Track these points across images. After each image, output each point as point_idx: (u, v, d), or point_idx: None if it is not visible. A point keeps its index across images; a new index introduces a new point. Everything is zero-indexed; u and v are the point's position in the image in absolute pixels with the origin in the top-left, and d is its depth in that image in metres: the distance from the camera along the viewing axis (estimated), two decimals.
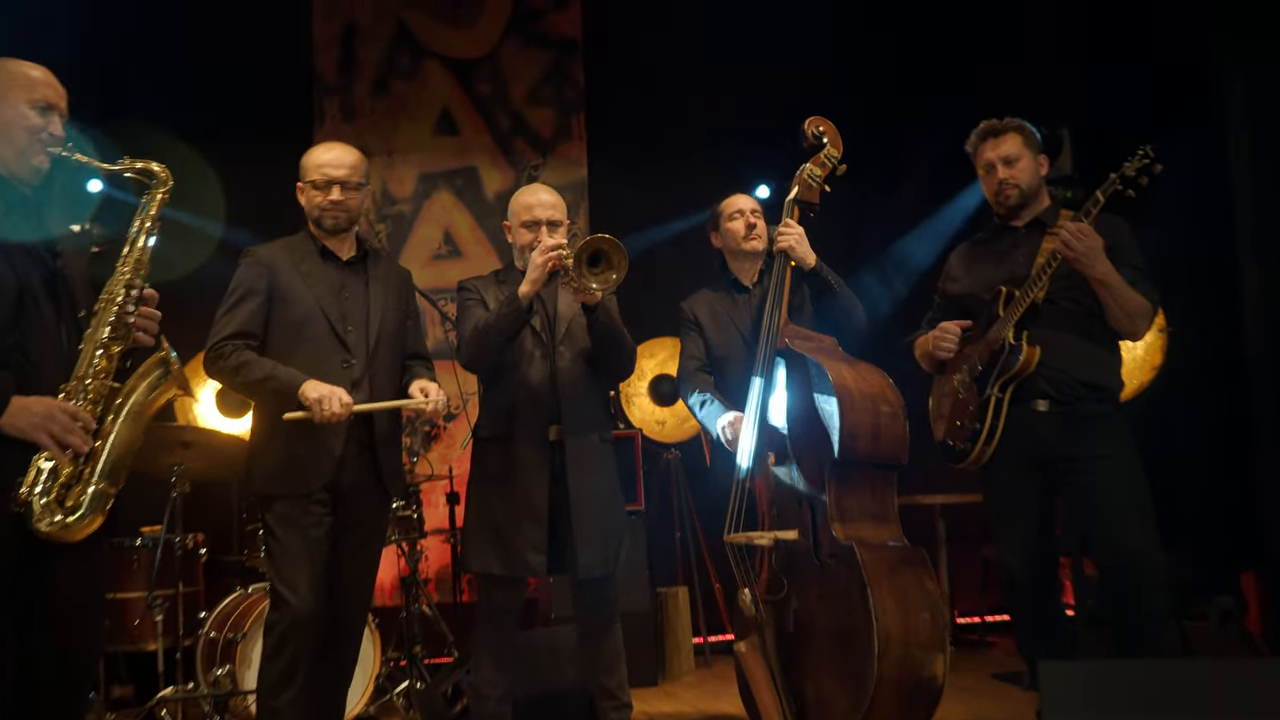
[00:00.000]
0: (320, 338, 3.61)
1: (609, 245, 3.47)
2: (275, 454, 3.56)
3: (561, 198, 3.92)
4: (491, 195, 7.04)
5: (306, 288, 3.64)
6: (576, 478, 3.71)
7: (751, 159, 6.55)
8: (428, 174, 7.03)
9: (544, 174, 7.04)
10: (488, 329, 3.68)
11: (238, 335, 3.58)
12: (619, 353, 3.83)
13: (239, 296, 3.62)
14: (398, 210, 7.00)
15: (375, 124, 7.00)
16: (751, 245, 4.12)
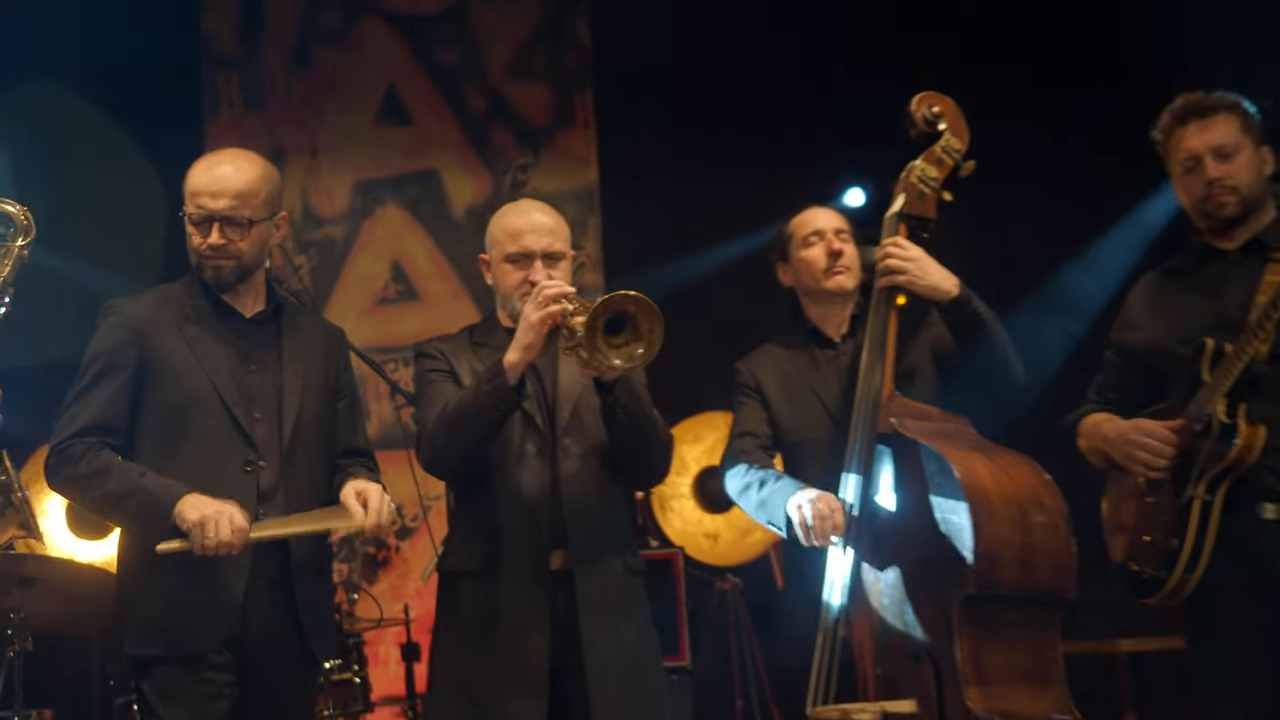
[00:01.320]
0: (213, 431, 3.63)
1: (636, 307, 3.46)
2: (152, 598, 3.57)
3: (562, 217, 3.95)
4: (460, 210, 7.13)
5: (193, 358, 3.66)
6: (591, 626, 3.71)
7: (837, 152, 6.60)
8: (368, 181, 7.14)
9: (534, 178, 7.13)
10: (461, 415, 3.70)
11: (91, 430, 3.59)
12: (647, 446, 3.84)
13: (95, 374, 3.64)
14: (325, 234, 7.10)
15: (292, 111, 7.13)
16: (837, 282, 4.14)
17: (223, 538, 3.41)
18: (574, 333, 3.55)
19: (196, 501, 3.45)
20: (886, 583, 3.75)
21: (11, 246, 3.02)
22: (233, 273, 3.71)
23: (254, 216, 3.69)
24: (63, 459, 3.57)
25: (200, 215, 3.67)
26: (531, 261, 3.82)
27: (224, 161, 3.73)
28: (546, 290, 3.63)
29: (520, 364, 3.64)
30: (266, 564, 3.62)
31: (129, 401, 3.63)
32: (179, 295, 3.76)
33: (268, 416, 3.69)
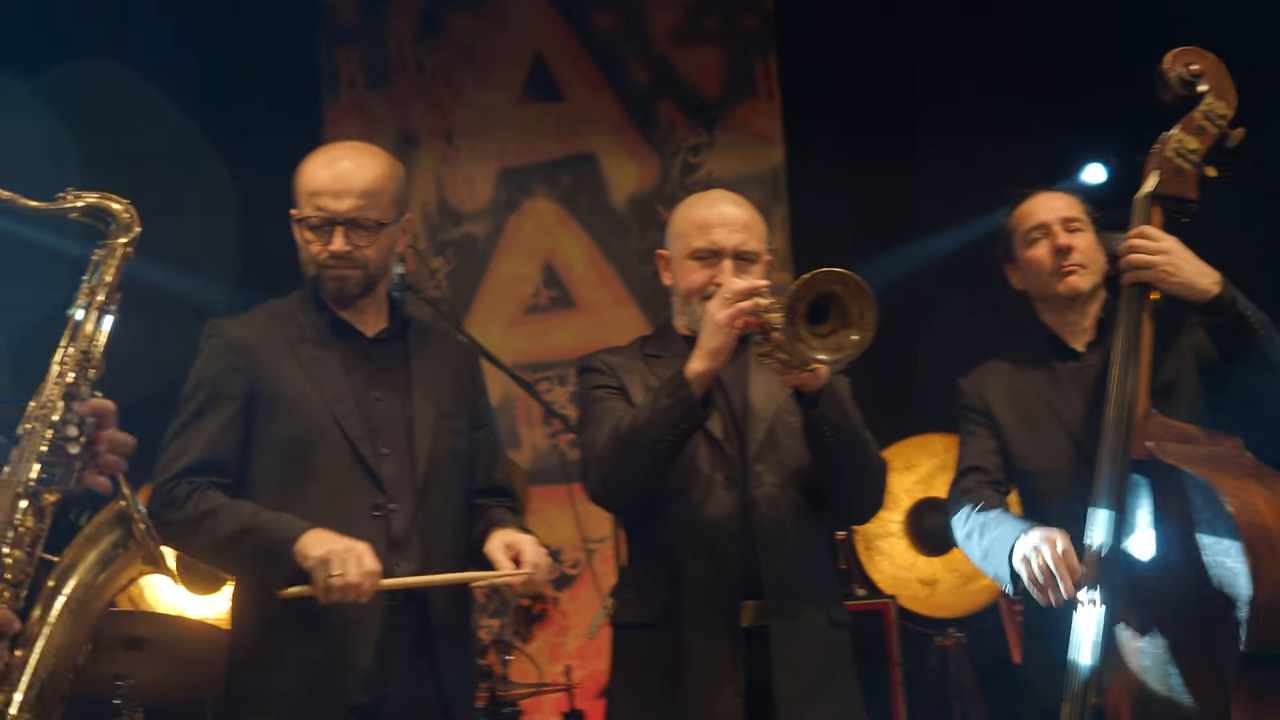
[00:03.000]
0: (335, 469, 3.68)
1: (844, 286, 3.45)
2: (270, 661, 3.62)
3: (757, 211, 3.96)
4: (622, 200, 7.17)
5: (310, 386, 3.72)
6: (789, 690, 3.70)
7: (1072, 121, 6.52)
8: (513, 169, 7.21)
9: (709, 160, 7.13)
10: (634, 436, 3.70)
11: (198, 468, 3.65)
12: (858, 473, 3.84)
13: (199, 404, 3.70)
14: (465, 232, 7.17)
15: (423, 89, 7.23)
16: (1068, 285, 4.10)
17: (350, 578, 3.41)
18: (768, 335, 3.54)
19: (321, 537, 3.47)
20: (1146, 640, 3.71)
21: (115, 245, 3.08)
22: (358, 284, 3.75)
23: (381, 218, 3.73)
24: (166, 501, 3.62)
25: (320, 218, 3.71)
26: (720, 261, 3.82)
27: (345, 156, 3.77)
28: (735, 285, 3.62)
29: (706, 374, 3.62)
30: (402, 622, 3.65)
31: (238, 435, 3.68)
32: (291, 313, 3.81)
33: (397, 451, 3.72)
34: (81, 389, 2.95)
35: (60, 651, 2.88)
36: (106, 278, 3.06)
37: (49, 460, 2.89)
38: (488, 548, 3.67)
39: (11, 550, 2.83)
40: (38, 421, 2.91)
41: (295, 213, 3.75)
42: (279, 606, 3.52)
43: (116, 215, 3.11)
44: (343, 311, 3.79)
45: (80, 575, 2.94)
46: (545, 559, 3.64)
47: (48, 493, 2.89)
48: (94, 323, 3.02)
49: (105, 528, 2.98)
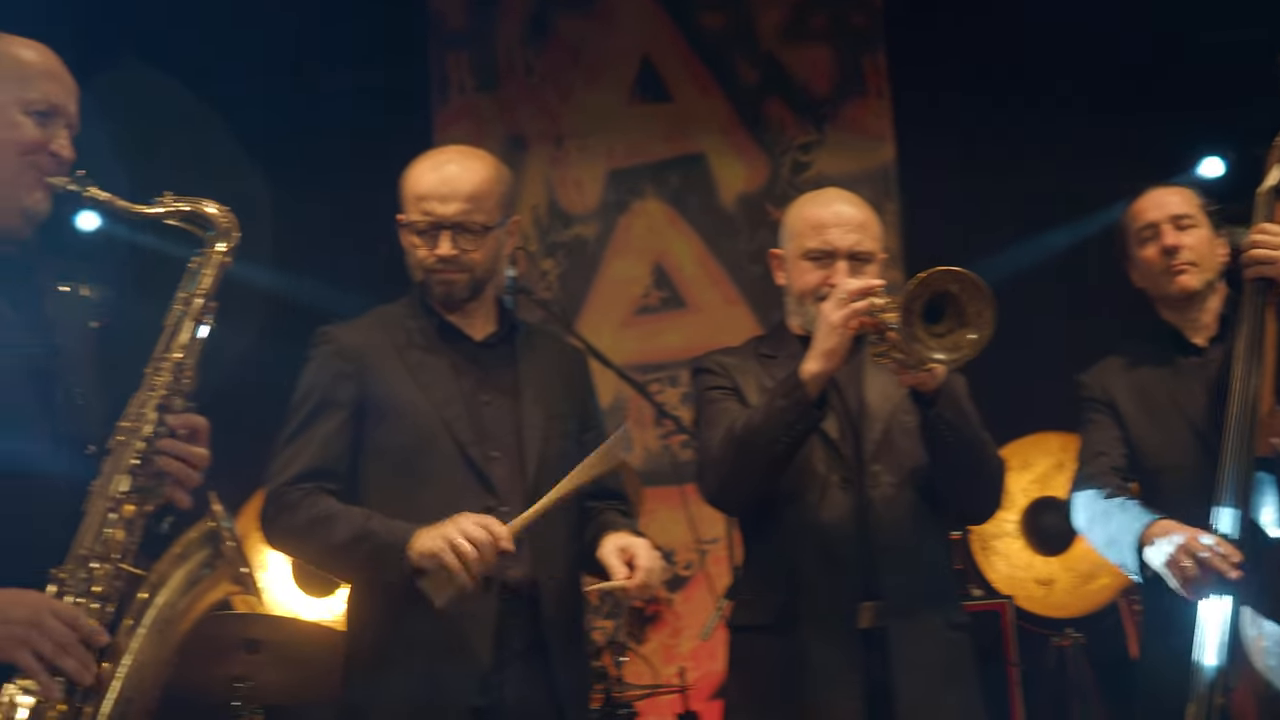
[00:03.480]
0: (446, 474, 3.67)
1: (961, 285, 3.41)
2: (385, 663, 3.63)
3: (873, 211, 3.92)
4: (731, 200, 7.15)
5: (419, 391, 3.72)
6: (909, 693, 3.66)
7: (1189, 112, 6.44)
8: (622, 170, 7.20)
9: (819, 159, 7.10)
10: (750, 437, 3.69)
11: (309, 475, 3.66)
12: (977, 473, 3.80)
13: (309, 411, 3.71)
14: (575, 234, 7.17)
15: (532, 91, 7.23)
16: (1179, 284, 4.05)
17: (478, 539, 3.42)
18: (884, 334, 3.51)
19: (430, 530, 3.46)
20: (1273, 638, 3.66)
21: (212, 253, 3.06)
22: (465, 288, 3.75)
23: (488, 222, 3.73)
24: (280, 508, 3.63)
25: (427, 223, 3.71)
26: (834, 261, 3.80)
27: (451, 160, 3.78)
28: (851, 285, 3.60)
29: (822, 374, 3.60)
30: (515, 624, 3.64)
31: (348, 442, 3.69)
32: (399, 318, 3.81)
33: (507, 454, 3.71)
34: (174, 401, 2.93)
35: (146, 667, 2.85)
36: (203, 286, 3.03)
37: (139, 473, 2.87)
38: (601, 552, 3.65)
39: (101, 564, 2.83)
40: (129, 434, 2.90)
41: (402, 217, 3.76)
42: (394, 610, 3.53)
43: (214, 220, 3.07)
44: (451, 316, 3.80)
45: (168, 593, 2.91)
46: (658, 563, 3.62)
47: (138, 505, 2.87)
48: (188, 332, 3.00)
49: (194, 546, 2.95)
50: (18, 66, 2.96)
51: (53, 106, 2.96)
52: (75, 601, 2.78)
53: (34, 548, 2.80)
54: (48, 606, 2.74)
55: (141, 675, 2.85)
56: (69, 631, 2.73)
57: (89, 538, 2.83)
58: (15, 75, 2.95)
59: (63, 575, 2.81)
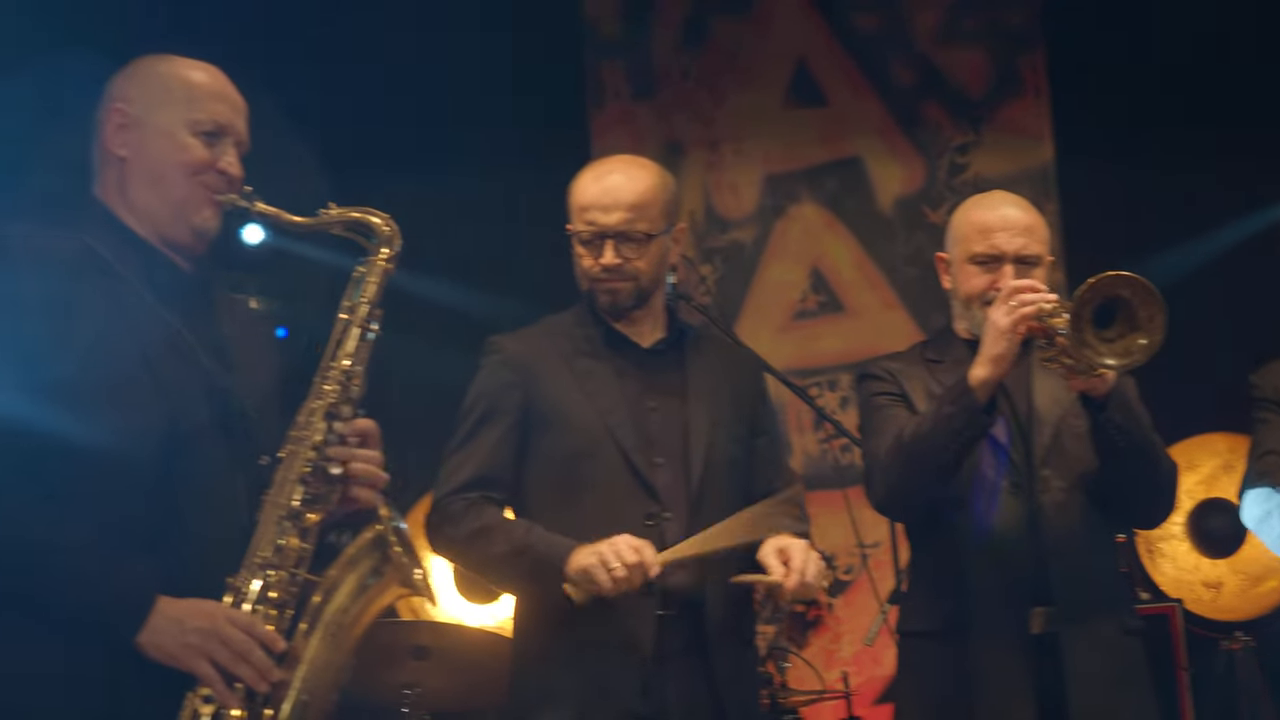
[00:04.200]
0: (610, 480, 3.68)
1: (1131, 290, 3.38)
2: (550, 670, 3.63)
3: (1039, 214, 3.88)
4: (889, 203, 7.08)
5: (585, 398, 3.73)
6: (1083, 701, 3.62)
7: None
8: (779, 175, 7.16)
9: (976, 160, 7.02)
10: (919, 443, 3.66)
11: (474, 484, 3.70)
12: (1149, 477, 3.74)
13: (477, 419, 3.75)
14: (732, 239, 7.14)
15: (687, 97, 7.20)
16: None
17: (628, 560, 3.43)
18: (1053, 339, 3.48)
19: (587, 547, 3.50)
20: None
21: (375, 261, 3.09)
22: (630, 296, 3.76)
23: (651, 230, 3.74)
24: (444, 518, 3.69)
25: (591, 232, 3.74)
26: (1001, 265, 3.77)
27: (615, 170, 3.81)
28: (1018, 289, 3.57)
29: (990, 380, 3.58)
30: (678, 630, 3.64)
31: (514, 450, 3.72)
32: (567, 327, 3.85)
33: (672, 461, 3.72)
34: (343, 408, 2.98)
35: (322, 672, 2.90)
36: (367, 294, 3.08)
37: (311, 480, 2.92)
38: (761, 553, 3.65)
39: (276, 571, 2.87)
40: (299, 442, 2.95)
41: (569, 228, 3.79)
42: (559, 617, 3.55)
43: (377, 230, 3.11)
44: (618, 324, 3.81)
45: (340, 598, 2.94)
46: (816, 564, 3.60)
47: (310, 513, 2.93)
48: (355, 340, 3.04)
49: (364, 551, 2.98)
50: (186, 89, 3.03)
51: (220, 126, 3.03)
52: (252, 609, 2.83)
53: (211, 558, 2.86)
54: (225, 615, 2.80)
55: (318, 679, 2.89)
56: (246, 639, 2.78)
57: (264, 546, 2.88)
58: (183, 97, 3.02)
59: (239, 584, 2.85)
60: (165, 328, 2.94)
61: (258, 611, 2.85)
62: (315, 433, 2.95)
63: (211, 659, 2.76)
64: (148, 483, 2.84)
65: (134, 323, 2.90)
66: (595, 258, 3.74)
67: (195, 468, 2.90)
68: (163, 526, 2.85)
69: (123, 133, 3.02)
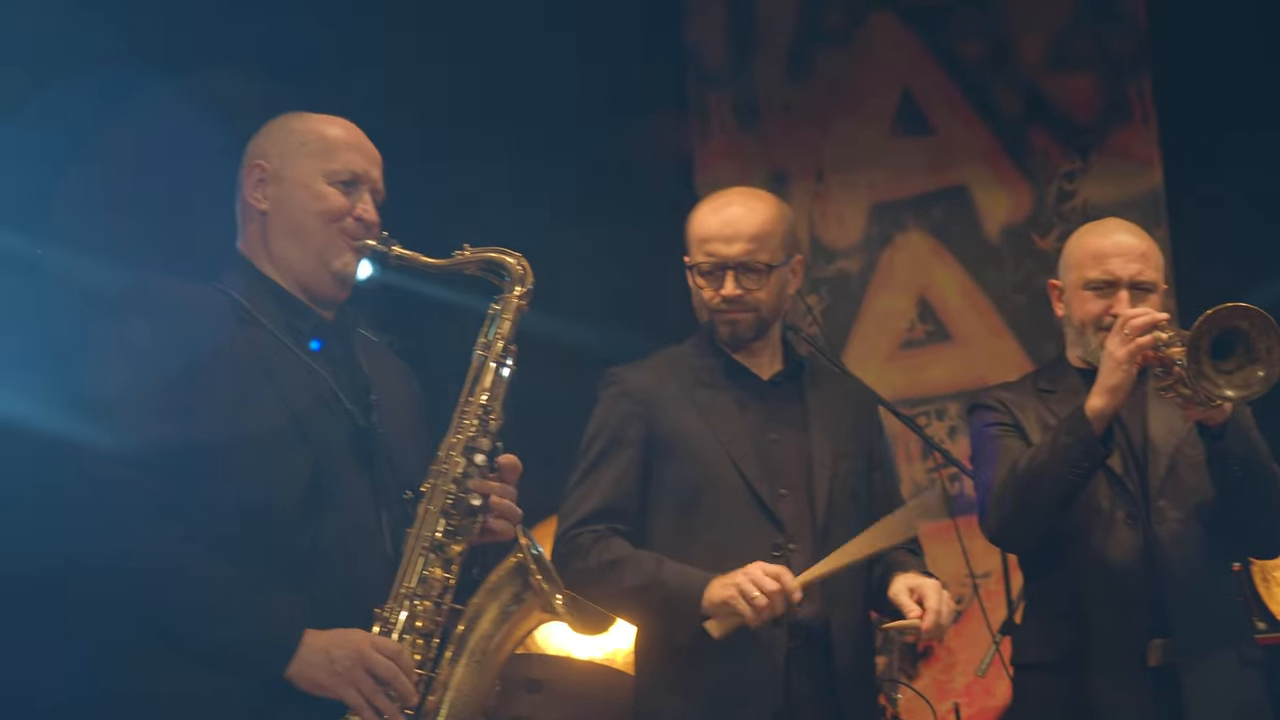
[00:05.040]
0: (734, 511, 3.72)
1: (1250, 321, 3.38)
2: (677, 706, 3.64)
3: (1154, 241, 3.87)
4: (996, 231, 7.05)
5: (708, 429, 3.76)
6: None
7: None
8: (885, 204, 7.15)
9: (1084, 187, 6.98)
10: (1034, 475, 3.67)
11: (599, 515, 3.74)
12: (1266, 506, 3.73)
13: (599, 451, 3.79)
14: (838, 269, 7.13)
15: (792, 128, 7.21)
16: None
17: (768, 589, 3.44)
18: (1169, 369, 3.46)
19: (723, 580, 3.52)
20: None
21: (509, 299, 3.19)
22: (750, 327, 3.79)
23: (772, 261, 3.77)
24: (571, 550, 3.73)
25: (711, 264, 3.77)
26: (1116, 291, 3.76)
27: (734, 202, 3.85)
28: (1134, 320, 3.57)
29: (1107, 410, 3.59)
30: (806, 665, 3.65)
31: (638, 481, 3.75)
32: (687, 358, 3.88)
33: (795, 492, 3.74)
34: (482, 442, 3.07)
35: (468, 698, 3.01)
36: (503, 330, 3.18)
37: (452, 513, 3.02)
38: (892, 591, 3.65)
39: (422, 601, 2.97)
40: (440, 476, 3.05)
41: (688, 259, 3.82)
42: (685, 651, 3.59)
43: (510, 268, 3.23)
44: (737, 355, 3.84)
45: (484, 625, 3.05)
46: (949, 604, 3.60)
47: (453, 544, 3.03)
48: (492, 375, 3.13)
49: (506, 579, 3.08)
50: (321, 141, 3.17)
51: (355, 175, 3.16)
52: (400, 638, 2.94)
53: (356, 591, 2.97)
54: (371, 643, 2.90)
55: (464, 705, 3.02)
56: (391, 666, 2.88)
57: (410, 577, 2.99)
58: (319, 150, 3.16)
59: (386, 614, 2.96)
60: (307, 374, 3.08)
61: (405, 641, 2.94)
62: (455, 467, 3.05)
63: (360, 688, 2.86)
64: (293, 522, 2.96)
65: (276, 371, 3.04)
66: (716, 289, 3.78)
67: (339, 506, 3.01)
68: (309, 562, 2.96)
69: (262, 187, 3.17)
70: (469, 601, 3.06)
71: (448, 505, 3.02)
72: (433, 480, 3.04)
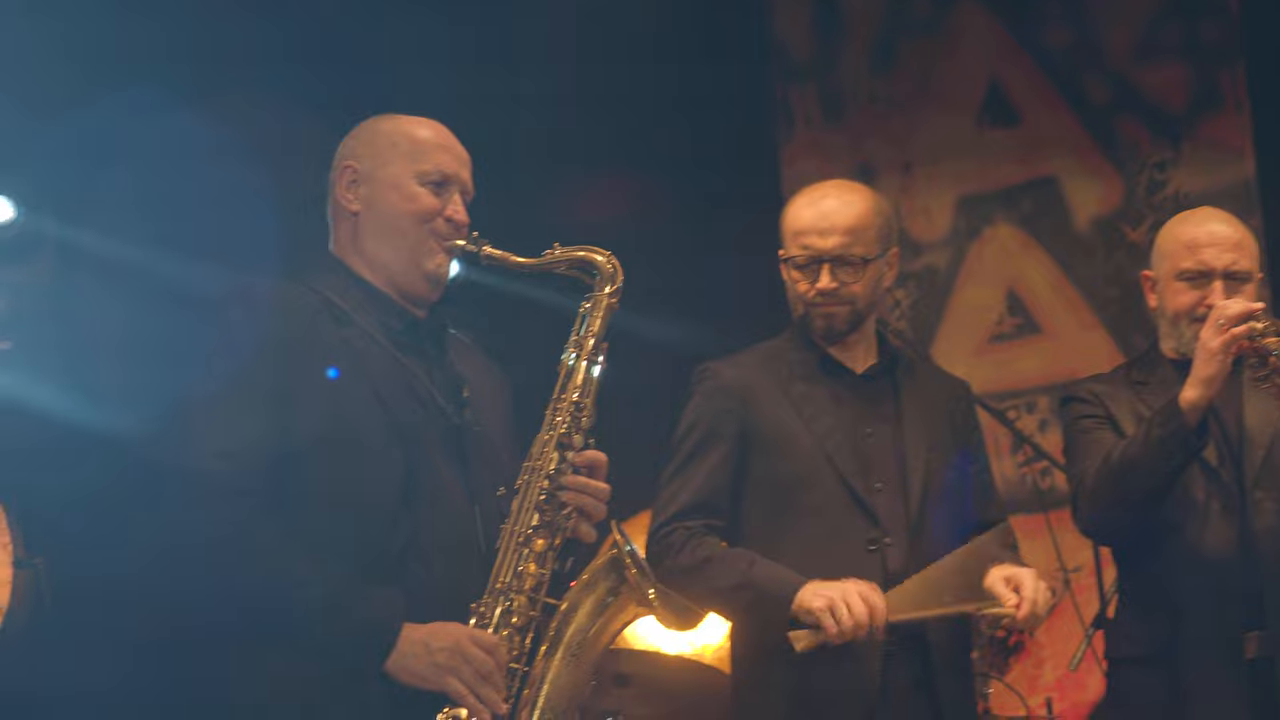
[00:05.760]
0: (829, 506, 3.73)
1: None
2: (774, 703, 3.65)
3: (1248, 229, 3.85)
4: (1085, 223, 7.01)
5: (802, 424, 3.78)
6: None
7: None
8: (972, 196, 7.12)
9: (1175, 176, 6.93)
10: (1127, 467, 3.66)
11: (692, 511, 3.75)
12: None
13: (693, 446, 3.81)
14: (925, 263, 7.11)
15: (879, 122, 7.20)
16: None
17: (858, 617, 3.45)
18: (1265, 359, 3.45)
19: (818, 588, 3.53)
20: None
21: (600, 297, 3.23)
22: (845, 320, 3.80)
23: (868, 254, 3.78)
24: (664, 547, 3.75)
25: (807, 257, 3.77)
26: (1210, 281, 3.74)
27: (829, 195, 3.86)
28: (1229, 310, 3.55)
29: (1202, 402, 3.57)
30: (903, 660, 3.65)
31: (731, 476, 3.75)
32: (781, 352, 3.89)
33: (889, 486, 3.74)
34: (574, 438, 3.11)
35: (565, 692, 3.04)
36: (594, 328, 3.22)
37: (546, 508, 3.06)
38: (988, 581, 3.65)
39: (516, 596, 3.02)
40: (534, 472, 3.09)
41: (783, 253, 3.82)
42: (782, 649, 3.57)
43: (600, 266, 3.26)
44: (831, 348, 3.83)
45: (579, 619, 3.09)
46: (1045, 593, 3.60)
47: (546, 539, 3.06)
48: (583, 372, 3.17)
49: (600, 573, 3.12)
50: (411, 143, 3.22)
51: (445, 176, 3.21)
52: (496, 632, 2.99)
53: (452, 586, 3.02)
54: (469, 636, 2.94)
55: (560, 699, 3.05)
56: (488, 658, 2.92)
57: (505, 572, 3.04)
58: (409, 151, 3.21)
59: (482, 609, 3.01)
60: (402, 373, 3.13)
61: (501, 635, 2.99)
62: (549, 462, 3.09)
63: (461, 677, 2.90)
64: (389, 518, 3.00)
65: (371, 370, 3.09)
66: (811, 282, 3.77)
67: (434, 502, 3.06)
68: (404, 557, 3.00)
69: (354, 188, 3.23)
70: (564, 596, 3.09)
71: (541, 500, 3.05)
72: (526, 476, 3.09)
